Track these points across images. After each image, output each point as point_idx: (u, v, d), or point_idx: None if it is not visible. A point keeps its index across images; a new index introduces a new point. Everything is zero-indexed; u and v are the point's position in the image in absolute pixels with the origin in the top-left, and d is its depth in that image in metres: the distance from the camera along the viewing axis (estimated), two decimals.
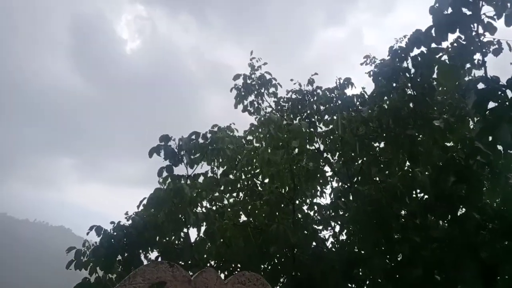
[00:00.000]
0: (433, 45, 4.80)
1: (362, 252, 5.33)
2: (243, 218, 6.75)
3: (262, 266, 6.08)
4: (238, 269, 6.61)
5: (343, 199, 6.18)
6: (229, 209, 6.64)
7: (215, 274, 2.83)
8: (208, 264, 6.33)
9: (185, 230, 6.35)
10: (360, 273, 5.29)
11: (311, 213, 6.65)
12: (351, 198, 6.18)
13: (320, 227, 6.60)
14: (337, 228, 6.67)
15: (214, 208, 6.85)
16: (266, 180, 6.47)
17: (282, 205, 6.13)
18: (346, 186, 6.61)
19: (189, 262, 6.20)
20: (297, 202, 6.49)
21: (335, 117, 6.97)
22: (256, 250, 5.60)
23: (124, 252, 6.06)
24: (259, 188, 6.83)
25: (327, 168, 7.24)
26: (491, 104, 3.93)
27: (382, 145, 6.19)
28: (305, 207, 6.56)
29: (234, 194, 7.31)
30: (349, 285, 5.39)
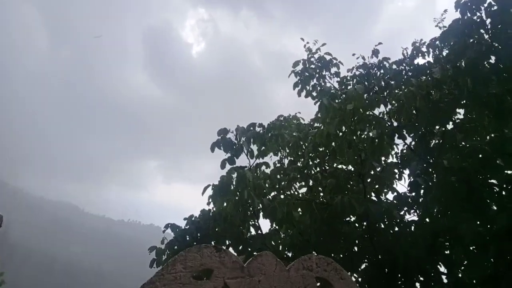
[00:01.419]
0: None
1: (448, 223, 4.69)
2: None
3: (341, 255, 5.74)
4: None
5: (423, 176, 5.53)
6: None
7: (274, 259, 2.49)
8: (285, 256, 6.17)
9: (255, 219, 6.29)
10: (447, 244, 4.71)
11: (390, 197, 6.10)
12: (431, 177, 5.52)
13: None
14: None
15: (282, 196, 6.65)
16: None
17: (351, 182, 5.69)
18: (425, 162, 5.91)
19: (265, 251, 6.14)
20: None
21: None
22: (325, 229, 5.26)
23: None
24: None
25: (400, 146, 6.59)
26: None
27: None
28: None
29: (304, 183, 7.05)
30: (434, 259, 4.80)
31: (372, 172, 5.89)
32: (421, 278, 4.92)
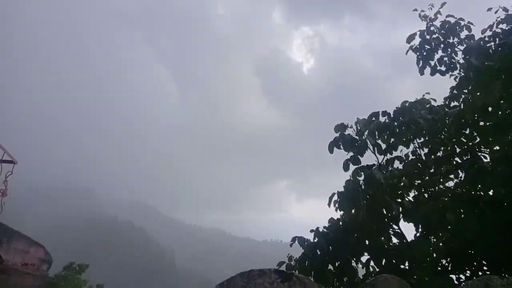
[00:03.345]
0: None
1: None
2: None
3: None
4: (485, 268, 4.89)
5: None
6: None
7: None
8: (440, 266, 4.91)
9: (394, 227, 5.24)
10: None
11: None
12: None
13: None
14: None
15: (426, 195, 5.42)
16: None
17: None
18: None
19: (412, 263, 5.01)
20: None
21: None
22: (499, 237, 3.86)
23: (334, 260, 5.46)
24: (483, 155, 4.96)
25: None
26: None
27: None
28: None
29: (452, 176, 5.64)
30: None
31: None
32: None
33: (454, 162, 5.28)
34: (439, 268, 4.95)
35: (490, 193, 4.48)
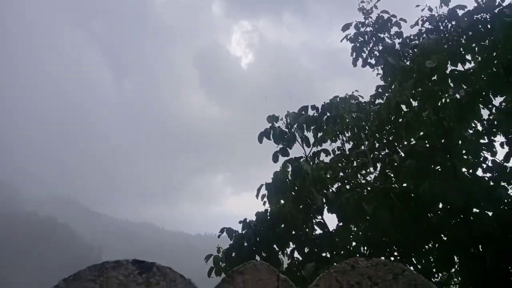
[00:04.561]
0: None
1: None
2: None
3: (426, 247, 4.65)
4: (396, 256, 5.31)
5: None
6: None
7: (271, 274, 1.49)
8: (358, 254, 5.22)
9: (319, 217, 5.45)
10: None
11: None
12: None
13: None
14: None
15: (348, 187, 5.70)
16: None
17: (436, 161, 4.52)
18: None
19: (333, 252, 5.26)
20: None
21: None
22: (410, 224, 4.20)
23: (260, 251, 5.52)
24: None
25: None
26: None
27: None
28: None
29: (371, 169, 6.01)
30: None
31: (461, 145, 4.71)
32: None
33: (372, 156, 5.62)
34: (358, 256, 5.26)
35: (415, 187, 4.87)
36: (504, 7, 4.89)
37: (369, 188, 5.06)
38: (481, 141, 4.92)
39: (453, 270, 4.71)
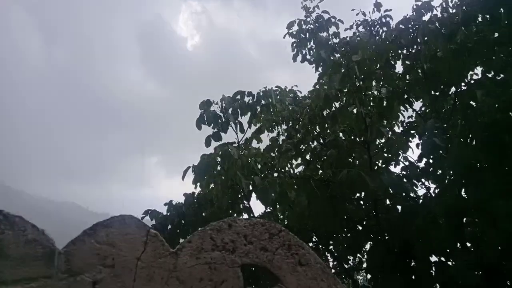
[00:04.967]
0: None
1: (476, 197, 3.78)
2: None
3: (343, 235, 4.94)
4: (315, 243, 5.57)
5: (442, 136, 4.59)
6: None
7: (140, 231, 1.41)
8: None
9: (245, 202, 5.54)
10: (476, 220, 3.84)
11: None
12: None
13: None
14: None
15: (275, 174, 5.85)
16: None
17: (354, 154, 4.82)
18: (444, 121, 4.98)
19: None
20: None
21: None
22: (326, 209, 4.43)
23: (185, 233, 5.47)
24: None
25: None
26: None
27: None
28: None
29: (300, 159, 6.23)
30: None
31: (379, 141, 5.06)
32: (438, 259, 4.10)
33: (302, 147, 5.84)
34: None
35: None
36: (428, 19, 5.33)
37: (291, 175, 5.23)
38: (400, 140, 5.33)
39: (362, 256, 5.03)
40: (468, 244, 4.03)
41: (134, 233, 1.27)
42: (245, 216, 5.67)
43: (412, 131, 5.88)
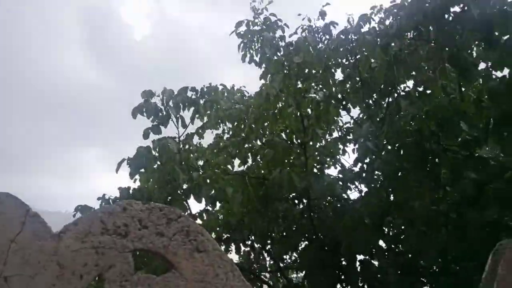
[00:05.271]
0: None
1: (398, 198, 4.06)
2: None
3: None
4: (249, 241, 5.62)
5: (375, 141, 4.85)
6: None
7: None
8: (214, 235, 5.36)
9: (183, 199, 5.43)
10: (395, 218, 4.10)
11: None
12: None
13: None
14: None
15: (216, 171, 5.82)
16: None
17: (292, 154, 4.94)
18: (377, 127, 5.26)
19: None
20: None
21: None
22: (260, 207, 4.50)
23: None
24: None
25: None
26: None
27: None
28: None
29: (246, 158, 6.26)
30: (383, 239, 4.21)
31: (315, 143, 5.22)
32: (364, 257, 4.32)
33: (246, 145, 5.87)
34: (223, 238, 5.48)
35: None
36: (367, 31, 5.62)
37: (229, 172, 5.24)
38: (336, 144, 5.56)
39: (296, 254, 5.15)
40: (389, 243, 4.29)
41: (10, 213, 1.17)
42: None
43: (349, 137, 6.18)
